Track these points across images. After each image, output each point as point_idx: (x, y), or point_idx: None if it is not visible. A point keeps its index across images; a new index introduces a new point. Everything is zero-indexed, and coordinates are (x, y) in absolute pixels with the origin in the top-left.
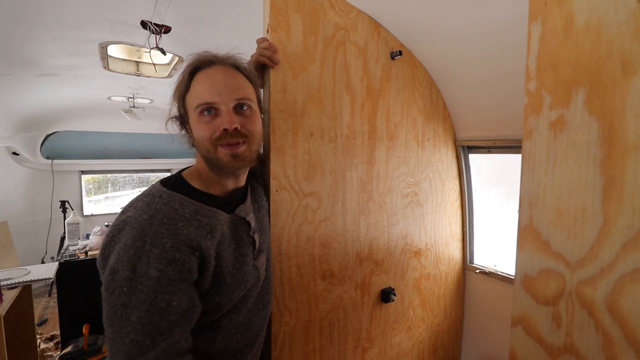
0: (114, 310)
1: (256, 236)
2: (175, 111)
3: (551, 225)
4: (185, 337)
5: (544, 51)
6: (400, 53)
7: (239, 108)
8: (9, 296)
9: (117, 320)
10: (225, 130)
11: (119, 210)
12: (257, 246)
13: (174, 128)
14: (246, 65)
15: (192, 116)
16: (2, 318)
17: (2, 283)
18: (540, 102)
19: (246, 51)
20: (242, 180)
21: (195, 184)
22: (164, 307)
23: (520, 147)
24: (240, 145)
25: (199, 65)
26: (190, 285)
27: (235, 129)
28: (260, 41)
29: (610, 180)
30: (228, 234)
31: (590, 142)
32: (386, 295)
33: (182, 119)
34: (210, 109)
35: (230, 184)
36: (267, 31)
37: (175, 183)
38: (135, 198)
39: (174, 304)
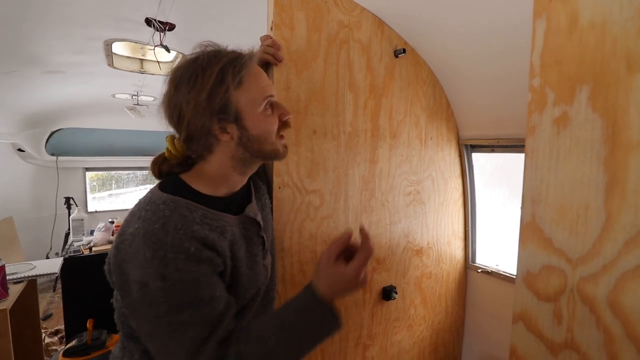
0: (158, 321)
1: (265, 235)
2: (216, 108)
3: (554, 222)
4: (232, 319)
5: (548, 48)
6: (404, 51)
7: None
8: (15, 290)
9: (165, 328)
10: (284, 121)
11: (122, 207)
12: (266, 245)
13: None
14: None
15: (254, 111)
16: (8, 312)
17: (7, 277)
18: (544, 99)
19: (244, 47)
20: (246, 178)
21: (199, 186)
22: (209, 300)
23: (524, 146)
24: (284, 137)
25: (247, 60)
26: (221, 279)
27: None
28: (264, 39)
29: (614, 177)
30: (239, 235)
31: (593, 139)
32: (387, 293)
33: (228, 117)
34: (272, 102)
35: (239, 183)
36: (271, 28)
37: (175, 187)
38: (136, 209)
39: (218, 294)
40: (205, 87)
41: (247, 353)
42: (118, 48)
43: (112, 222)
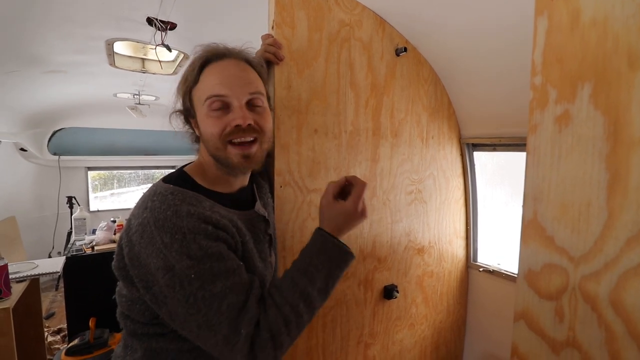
0: (193, 299)
1: (272, 233)
2: (180, 105)
3: (555, 220)
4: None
5: (550, 46)
6: (405, 49)
7: (251, 104)
8: (18, 289)
9: (200, 303)
10: (237, 126)
11: (124, 207)
12: (272, 243)
13: (179, 123)
14: (258, 60)
15: (201, 110)
16: (10, 310)
17: (10, 276)
18: (545, 97)
19: (247, 44)
20: (247, 180)
21: (201, 181)
22: (236, 269)
23: (525, 144)
24: (252, 145)
25: (210, 58)
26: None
27: (249, 125)
28: (265, 37)
29: (616, 175)
30: (244, 230)
31: (595, 137)
32: (389, 292)
33: (188, 113)
34: (221, 103)
35: (237, 183)
36: (272, 27)
37: (180, 180)
38: (141, 201)
39: (240, 263)
40: (183, 81)
41: (284, 299)
42: (119, 47)
43: (114, 221)
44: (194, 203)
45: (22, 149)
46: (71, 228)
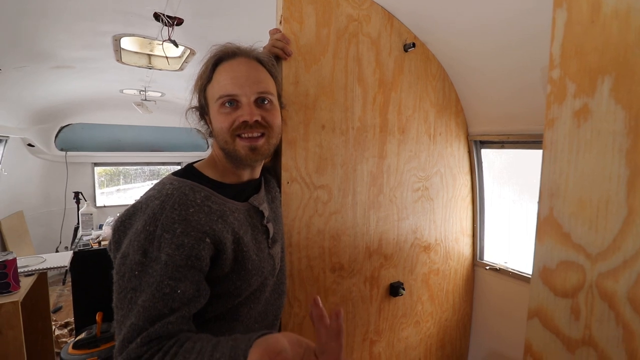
0: (124, 294)
1: (270, 225)
2: (195, 102)
3: (572, 217)
4: (180, 320)
5: (569, 38)
6: (414, 45)
7: (260, 102)
8: (26, 283)
9: (126, 303)
10: (244, 122)
11: (130, 203)
12: (270, 235)
13: (192, 119)
14: (269, 59)
15: (213, 107)
16: (19, 304)
17: (19, 270)
18: (563, 91)
19: (259, 43)
20: (257, 173)
21: (209, 173)
22: (168, 293)
23: (534, 142)
24: (259, 139)
25: (222, 57)
26: (198, 274)
27: (256, 121)
28: (273, 32)
29: (636, 170)
30: (243, 221)
31: (615, 132)
32: (395, 290)
33: (202, 110)
34: (231, 101)
35: (246, 175)
36: (280, 22)
37: (186, 172)
38: (149, 188)
39: (179, 291)
40: (197, 80)
41: None
42: (126, 43)
43: None
44: (186, 192)
45: (29, 145)
46: (78, 223)
